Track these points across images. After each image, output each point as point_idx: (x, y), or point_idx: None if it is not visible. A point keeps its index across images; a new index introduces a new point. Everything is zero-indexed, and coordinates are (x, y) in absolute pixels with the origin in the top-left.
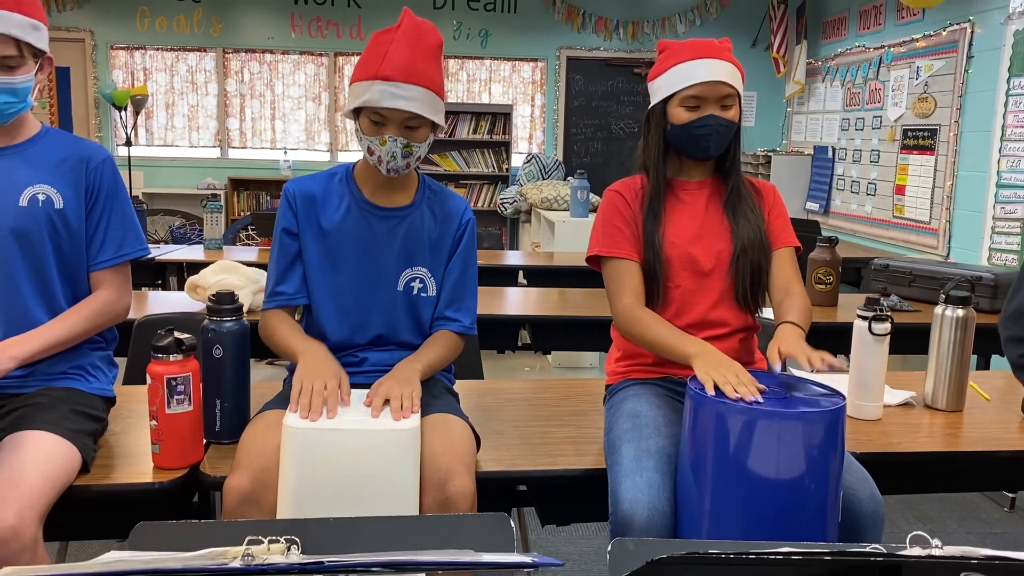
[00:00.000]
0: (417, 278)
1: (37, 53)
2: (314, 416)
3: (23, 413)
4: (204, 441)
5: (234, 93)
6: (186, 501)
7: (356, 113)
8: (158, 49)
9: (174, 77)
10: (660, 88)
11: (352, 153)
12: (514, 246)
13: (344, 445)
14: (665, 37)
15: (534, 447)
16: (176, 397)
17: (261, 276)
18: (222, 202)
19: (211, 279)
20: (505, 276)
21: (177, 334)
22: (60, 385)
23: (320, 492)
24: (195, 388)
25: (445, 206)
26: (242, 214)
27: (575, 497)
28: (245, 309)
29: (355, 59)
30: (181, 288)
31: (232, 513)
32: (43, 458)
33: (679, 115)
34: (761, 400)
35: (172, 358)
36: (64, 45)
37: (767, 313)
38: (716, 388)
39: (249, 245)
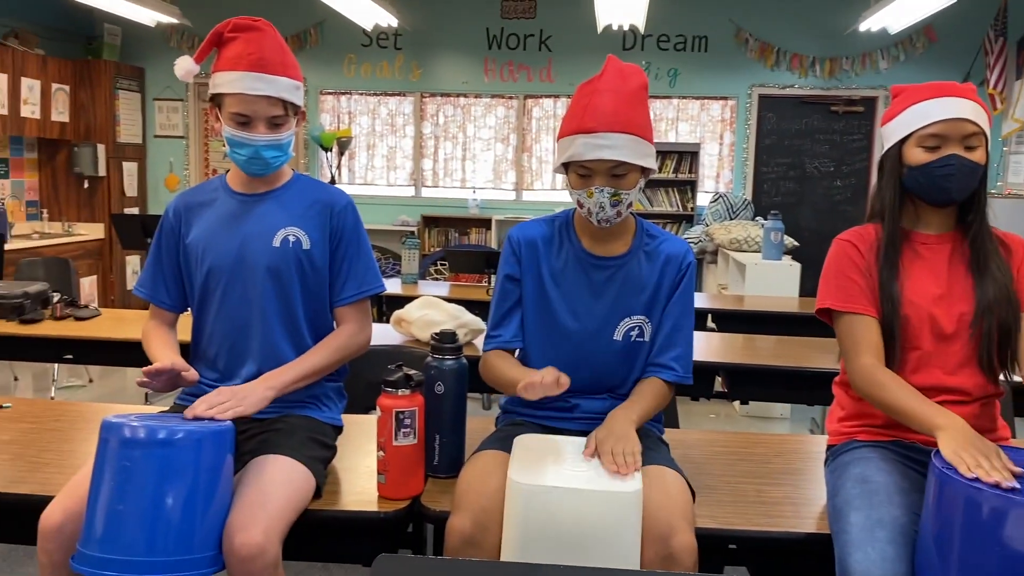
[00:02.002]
0: (636, 326)
1: (296, 109)
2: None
3: (266, 438)
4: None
5: (429, 135)
6: (402, 530)
7: (565, 168)
8: (362, 94)
9: (375, 120)
10: (895, 130)
11: (537, 192)
12: (699, 287)
13: (568, 503)
14: (865, 74)
15: (749, 505)
16: (403, 430)
17: (461, 312)
18: (418, 239)
19: (415, 314)
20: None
21: (406, 370)
22: (298, 413)
23: (544, 544)
24: (420, 422)
25: (664, 250)
26: (432, 250)
27: (792, 561)
28: None
29: (544, 101)
30: (381, 319)
31: (454, 553)
32: (286, 482)
33: (917, 156)
34: (1018, 486)
35: (401, 392)
36: None
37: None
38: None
39: (438, 280)
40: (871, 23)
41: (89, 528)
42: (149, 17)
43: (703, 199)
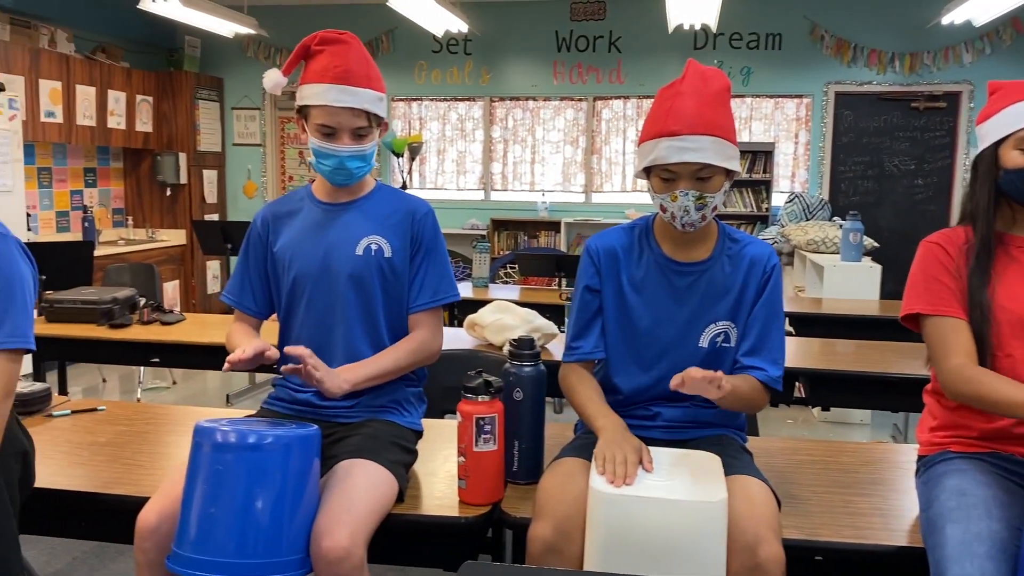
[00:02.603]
0: (722, 332)
1: (379, 120)
2: (618, 483)
3: (351, 442)
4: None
5: (498, 139)
6: (481, 535)
7: (647, 173)
8: (432, 99)
9: (445, 125)
10: (991, 131)
11: (606, 194)
12: None
13: (651, 513)
14: (948, 68)
15: (836, 516)
16: (483, 436)
17: (534, 316)
18: (488, 242)
19: (488, 318)
20: None
21: (485, 376)
22: (380, 418)
23: (627, 554)
24: (500, 429)
25: (747, 253)
26: (501, 253)
27: (882, 574)
28: None
29: (614, 103)
30: (452, 323)
31: (536, 561)
32: (370, 486)
33: (1014, 159)
34: None
35: (481, 399)
36: None
37: None
38: None
39: (507, 283)
40: (954, 16)
41: (183, 529)
42: (228, 29)
43: (778, 199)
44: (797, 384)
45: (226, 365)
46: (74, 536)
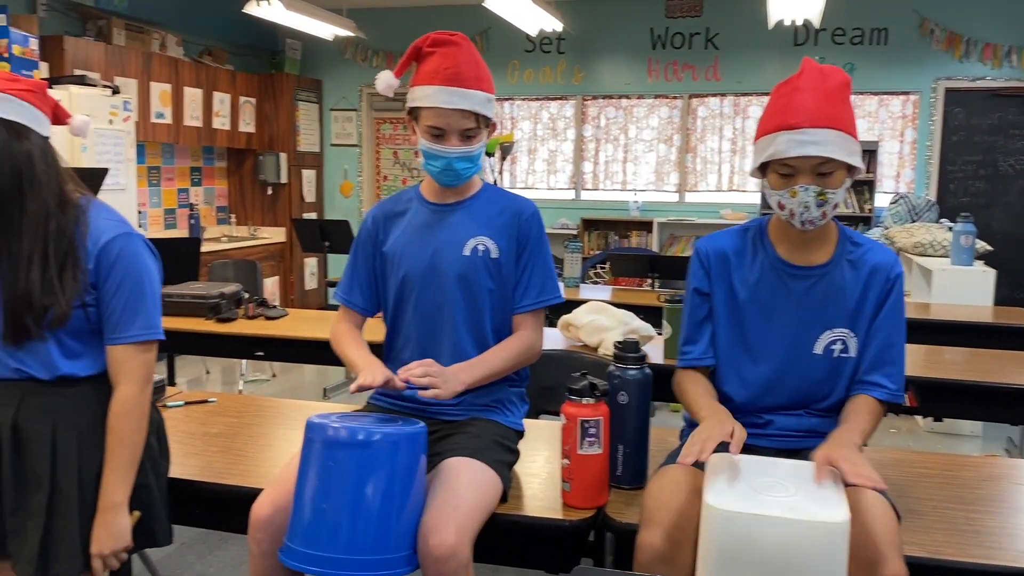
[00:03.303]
0: (839, 340)
1: (488, 122)
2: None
3: (456, 440)
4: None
5: (590, 138)
6: (583, 539)
7: (763, 171)
8: (524, 99)
9: (537, 124)
10: None
11: (701, 194)
12: None
13: (769, 532)
14: None
15: (961, 534)
16: (588, 439)
17: (631, 318)
18: (580, 242)
19: (583, 319)
20: None
21: (590, 378)
22: (484, 417)
23: (742, 572)
24: (605, 432)
25: (869, 260)
26: (592, 253)
27: None
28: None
29: (710, 100)
30: (545, 323)
31: (645, 569)
32: (476, 484)
33: None
34: None
35: (586, 401)
36: None
37: None
38: None
39: (598, 283)
40: None
41: (296, 523)
42: (328, 31)
43: (882, 200)
44: (907, 393)
45: (353, 387)
46: (187, 523)
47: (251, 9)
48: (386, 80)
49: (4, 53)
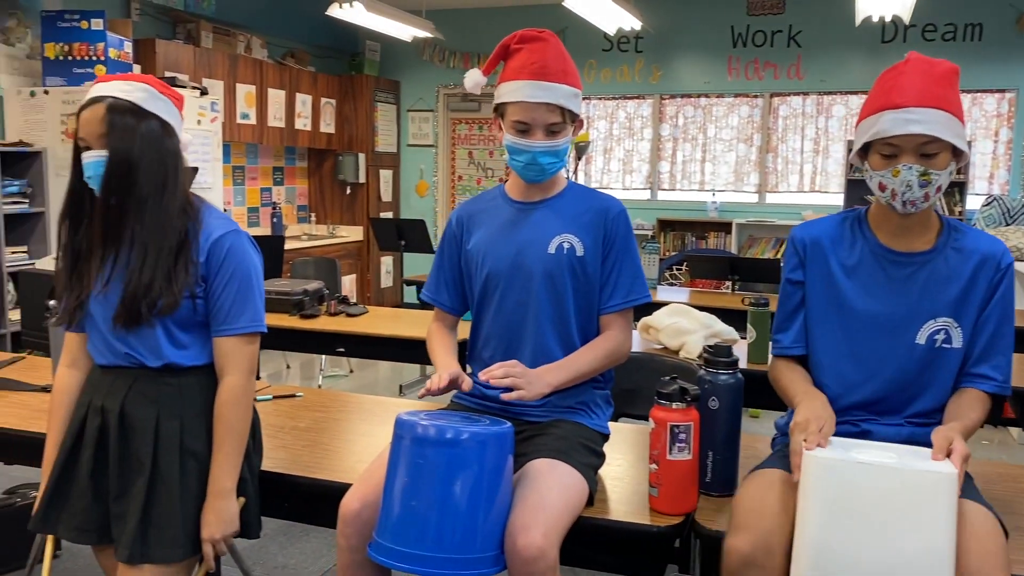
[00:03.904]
0: (942, 329)
1: (574, 117)
2: (811, 445)
3: (542, 442)
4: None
5: (667, 137)
6: (669, 545)
7: (864, 152)
8: (601, 98)
9: (613, 124)
10: None
11: (782, 195)
12: None
13: (874, 480)
14: None
15: None
16: (678, 444)
17: (713, 321)
18: (658, 243)
19: (664, 321)
20: None
21: (681, 383)
22: (568, 418)
23: (844, 527)
24: (695, 438)
25: (977, 248)
26: (668, 254)
27: None
28: (696, 355)
29: (792, 99)
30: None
31: (733, 574)
32: (564, 487)
33: None
34: None
35: (675, 406)
36: None
37: None
38: None
39: (674, 284)
40: None
41: (385, 519)
42: (407, 33)
43: (973, 202)
44: (1005, 403)
45: (421, 392)
46: (275, 515)
47: (334, 11)
48: (474, 78)
49: (101, 56)
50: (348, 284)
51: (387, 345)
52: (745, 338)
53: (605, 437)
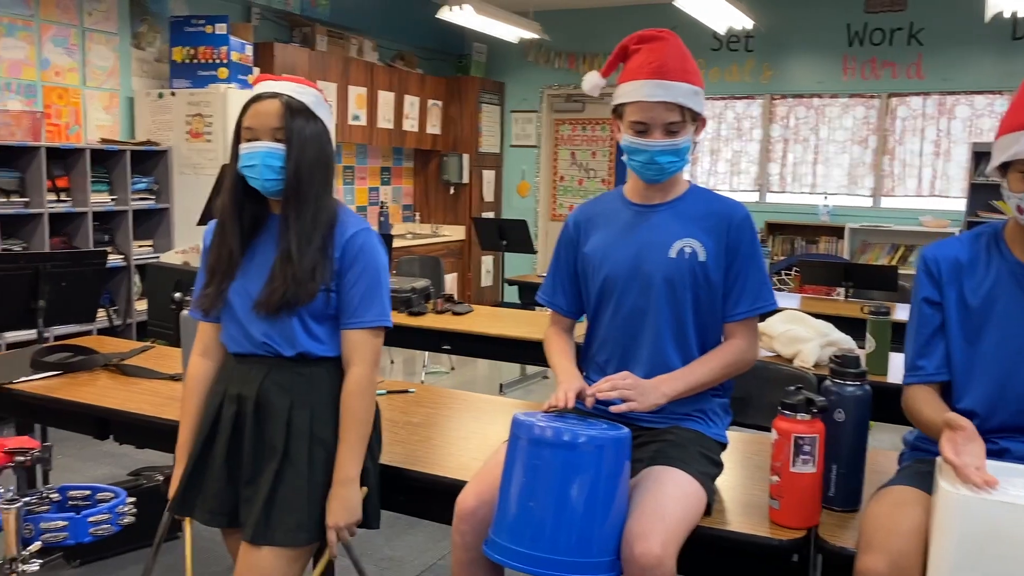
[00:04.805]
0: None
1: (695, 116)
2: (977, 482)
3: (659, 448)
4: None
5: (777, 138)
6: (788, 559)
7: (1003, 171)
8: (709, 98)
9: (721, 124)
10: None
11: (898, 199)
12: None
13: (1017, 521)
14: None
15: None
16: (802, 457)
17: (830, 330)
18: (766, 247)
19: (778, 328)
20: None
21: (806, 393)
22: (685, 425)
23: (986, 565)
24: (820, 450)
25: None
26: (776, 258)
27: None
28: (811, 364)
29: (911, 100)
30: None
31: None
32: (681, 496)
33: None
34: None
35: (800, 417)
36: None
37: None
38: None
39: (782, 290)
40: None
41: (501, 518)
42: (514, 34)
43: None
44: None
45: (545, 406)
46: (389, 508)
47: (444, 14)
48: (592, 80)
49: (224, 59)
50: (449, 282)
51: (489, 344)
52: (864, 348)
53: (723, 446)
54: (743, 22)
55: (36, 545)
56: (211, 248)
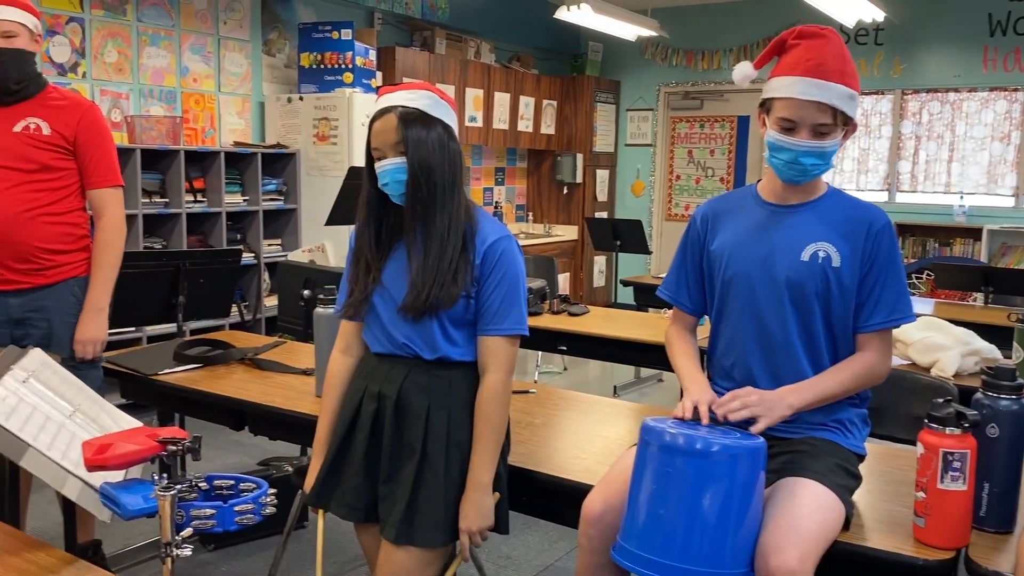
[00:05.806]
0: None
1: (847, 121)
2: None
3: (793, 459)
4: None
5: (909, 135)
6: None
7: None
8: None
9: None
10: None
11: None
12: None
13: None
14: None
15: None
16: (951, 473)
17: (972, 338)
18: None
19: (914, 335)
20: None
21: (956, 406)
22: (820, 436)
23: None
24: (971, 467)
25: None
26: (907, 261)
27: None
28: (951, 373)
29: None
30: None
31: None
32: (818, 508)
33: None
34: None
35: (950, 431)
36: (742, 96)
37: None
38: None
39: (912, 294)
40: None
41: (630, 524)
42: (631, 32)
43: None
44: None
45: (675, 414)
46: (513, 509)
47: (562, 14)
48: (743, 71)
49: (349, 64)
50: (561, 283)
51: (604, 345)
52: (1011, 358)
53: (861, 458)
54: (873, 14)
55: (187, 531)
56: (352, 259)
